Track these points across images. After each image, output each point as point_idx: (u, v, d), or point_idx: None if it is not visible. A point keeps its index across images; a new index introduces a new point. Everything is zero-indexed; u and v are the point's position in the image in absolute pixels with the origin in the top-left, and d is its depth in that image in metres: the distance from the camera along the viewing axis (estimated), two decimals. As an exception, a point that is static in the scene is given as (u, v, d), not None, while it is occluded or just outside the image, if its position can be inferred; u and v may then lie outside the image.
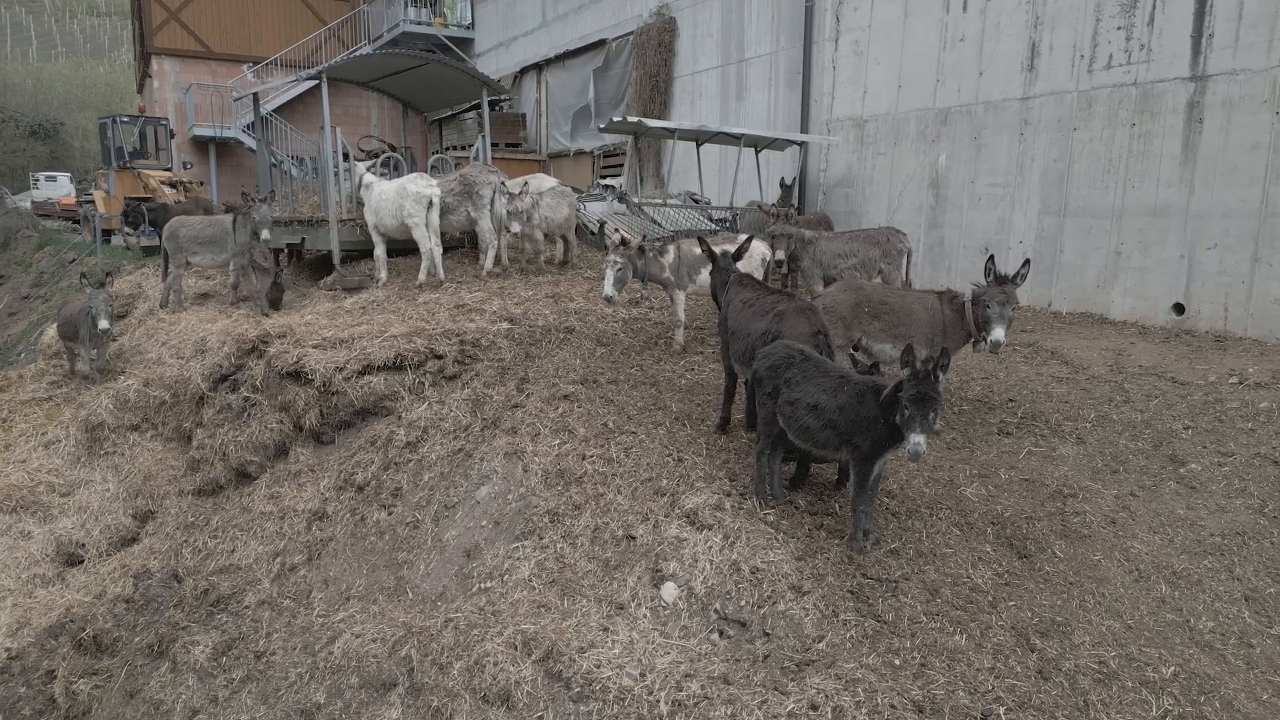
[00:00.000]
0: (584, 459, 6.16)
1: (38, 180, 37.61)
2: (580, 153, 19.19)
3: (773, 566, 4.61)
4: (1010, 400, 7.04)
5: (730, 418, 6.38)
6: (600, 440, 6.26)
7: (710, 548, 4.88)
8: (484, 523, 6.21)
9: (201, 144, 24.16)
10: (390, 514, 6.91)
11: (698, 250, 8.09)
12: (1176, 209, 8.55)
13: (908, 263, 8.76)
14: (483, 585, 5.59)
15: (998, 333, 5.95)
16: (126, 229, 17.11)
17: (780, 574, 4.54)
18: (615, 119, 10.85)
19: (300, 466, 7.96)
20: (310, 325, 8.89)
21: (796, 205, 10.59)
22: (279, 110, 24.87)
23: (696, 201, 14.20)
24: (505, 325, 8.52)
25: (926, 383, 4.15)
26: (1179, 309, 8.62)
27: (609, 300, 7.58)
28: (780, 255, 8.59)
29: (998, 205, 10.23)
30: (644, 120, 10.69)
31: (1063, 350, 8.12)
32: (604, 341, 8.40)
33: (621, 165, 17.65)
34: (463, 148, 20.62)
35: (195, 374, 8.71)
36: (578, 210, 12.72)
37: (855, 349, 6.50)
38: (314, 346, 8.30)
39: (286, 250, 11.40)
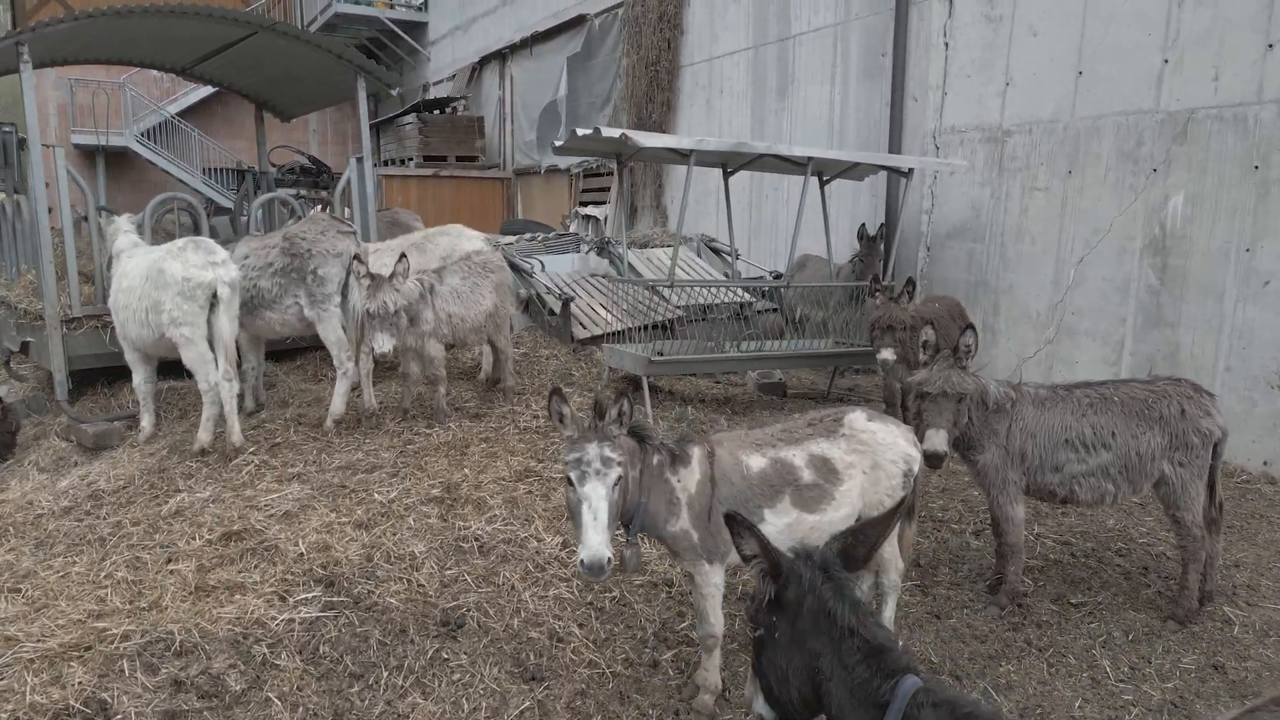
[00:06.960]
0: None
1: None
2: (554, 170, 14.28)
3: None
4: None
5: None
6: None
7: None
8: None
9: (88, 154, 19.31)
10: None
11: (758, 461, 3.27)
12: None
13: (1216, 461, 3.93)
14: None
15: None
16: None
17: None
18: (581, 132, 5.95)
19: None
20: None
21: (909, 284, 5.85)
22: (185, 113, 20.13)
23: (717, 253, 9.39)
24: (313, 602, 3.72)
25: None
26: None
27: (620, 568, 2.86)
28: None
29: (1311, 297, 5.36)
30: (630, 135, 5.78)
31: None
32: (528, 657, 3.59)
33: (609, 187, 12.83)
34: (402, 161, 15.76)
35: None
36: (531, 274, 7.90)
37: None
38: None
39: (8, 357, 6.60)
